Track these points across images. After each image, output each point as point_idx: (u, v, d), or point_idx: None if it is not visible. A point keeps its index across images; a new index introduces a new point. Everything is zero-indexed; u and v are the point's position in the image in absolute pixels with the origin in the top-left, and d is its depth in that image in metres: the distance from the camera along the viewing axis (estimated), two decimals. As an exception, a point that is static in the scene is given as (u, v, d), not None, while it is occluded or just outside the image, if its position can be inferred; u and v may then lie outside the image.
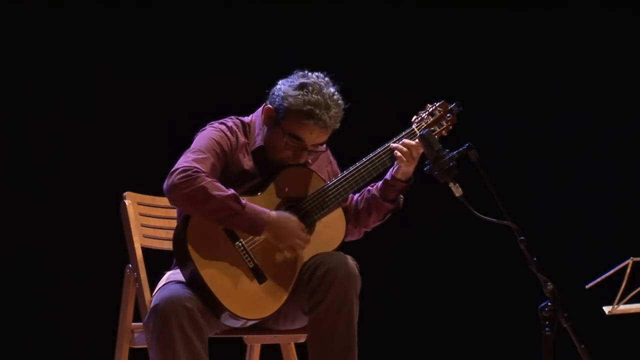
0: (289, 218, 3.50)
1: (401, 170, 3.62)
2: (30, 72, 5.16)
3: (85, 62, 5.21)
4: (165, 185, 3.44)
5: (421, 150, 3.56)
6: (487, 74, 5.51)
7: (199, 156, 3.48)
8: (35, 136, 5.16)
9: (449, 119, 3.71)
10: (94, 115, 5.21)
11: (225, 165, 3.56)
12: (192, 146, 3.54)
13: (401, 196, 3.70)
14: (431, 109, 3.73)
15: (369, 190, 3.73)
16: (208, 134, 3.58)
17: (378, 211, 3.69)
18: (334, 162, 3.79)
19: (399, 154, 3.59)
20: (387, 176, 3.66)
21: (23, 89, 5.15)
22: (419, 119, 3.71)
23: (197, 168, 3.42)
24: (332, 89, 3.55)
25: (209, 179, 3.41)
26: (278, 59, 5.15)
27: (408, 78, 5.41)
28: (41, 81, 5.17)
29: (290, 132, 3.54)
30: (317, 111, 3.50)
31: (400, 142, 3.61)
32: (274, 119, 3.58)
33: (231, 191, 3.42)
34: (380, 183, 3.69)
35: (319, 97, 3.51)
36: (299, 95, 3.52)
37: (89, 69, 5.21)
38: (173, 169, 3.43)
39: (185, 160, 3.46)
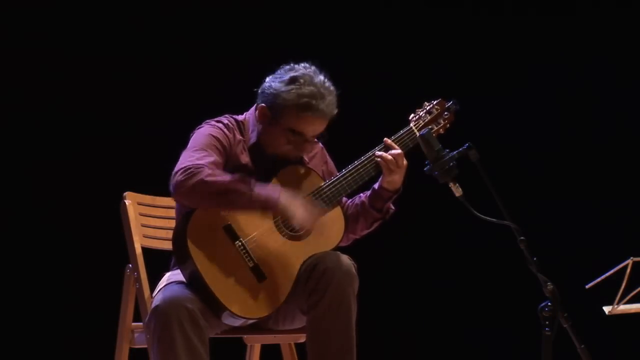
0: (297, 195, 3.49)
1: (386, 179, 3.60)
2: (30, 71, 5.16)
3: (85, 62, 5.21)
4: (170, 187, 3.44)
5: (406, 163, 3.57)
6: (487, 74, 5.51)
7: (199, 153, 3.47)
8: (35, 136, 5.16)
9: (446, 117, 3.71)
10: (94, 115, 5.21)
11: (225, 161, 3.55)
12: (190, 144, 3.53)
13: (392, 207, 3.68)
14: (428, 107, 3.72)
15: (359, 196, 3.72)
16: (206, 131, 3.56)
17: (366, 218, 3.68)
18: (330, 162, 3.78)
19: (383, 162, 3.58)
20: (376, 185, 3.65)
21: (23, 89, 5.15)
22: (417, 117, 3.70)
23: (198, 164, 3.41)
24: (321, 77, 3.53)
25: (211, 170, 3.40)
26: (276, 58, 5.16)
27: (406, 76, 5.41)
28: (41, 81, 5.17)
29: (290, 128, 3.52)
30: (314, 102, 3.48)
31: (389, 152, 3.58)
32: (269, 117, 3.56)
33: (236, 174, 3.41)
34: (369, 194, 3.68)
35: (312, 87, 3.49)
36: (292, 89, 3.50)
37: (89, 68, 5.21)
38: (175, 170, 3.43)
39: (186, 159, 3.45)
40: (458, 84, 5.24)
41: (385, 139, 3.62)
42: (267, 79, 3.58)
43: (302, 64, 3.56)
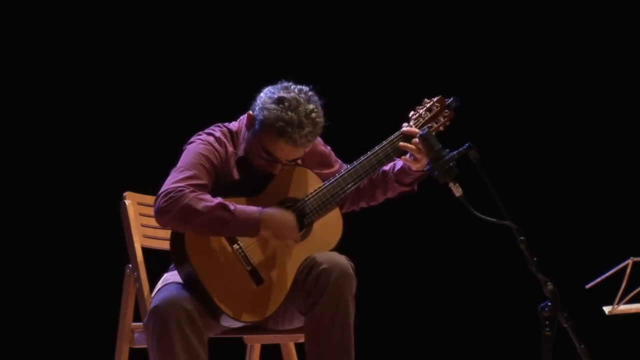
0: (284, 213, 3.47)
1: (417, 165, 3.61)
2: (30, 72, 5.16)
3: (85, 63, 5.21)
4: (154, 211, 3.43)
5: None
6: (487, 73, 5.51)
7: (184, 174, 3.44)
8: (35, 136, 5.16)
9: (446, 114, 3.68)
10: (94, 115, 5.21)
11: (216, 177, 3.53)
12: (178, 164, 3.50)
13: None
14: (428, 104, 3.69)
15: (384, 172, 3.70)
16: (194, 149, 3.53)
17: (394, 191, 3.71)
18: (327, 151, 3.75)
19: (411, 151, 3.57)
20: (405, 166, 3.64)
21: (23, 89, 5.16)
22: (417, 114, 3.68)
23: (180, 187, 3.39)
24: (311, 106, 3.46)
25: (193, 195, 3.38)
26: (277, 60, 5.16)
27: (406, 74, 5.40)
28: (41, 81, 5.17)
29: (263, 146, 3.49)
30: (289, 129, 3.42)
31: (411, 141, 3.58)
32: (253, 127, 3.54)
33: (218, 200, 3.39)
34: (397, 168, 3.67)
35: (293, 114, 3.43)
36: (274, 109, 3.45)
37: (89, 69, 5.21)
38: (158, 193, 3.41)
39: (170, 182, 3.43)
40: (458, 84, 5.25)
41: (403, 127, 3.62)
42: (265, 89, 3.54)
43: (299, 87, 3.49)
